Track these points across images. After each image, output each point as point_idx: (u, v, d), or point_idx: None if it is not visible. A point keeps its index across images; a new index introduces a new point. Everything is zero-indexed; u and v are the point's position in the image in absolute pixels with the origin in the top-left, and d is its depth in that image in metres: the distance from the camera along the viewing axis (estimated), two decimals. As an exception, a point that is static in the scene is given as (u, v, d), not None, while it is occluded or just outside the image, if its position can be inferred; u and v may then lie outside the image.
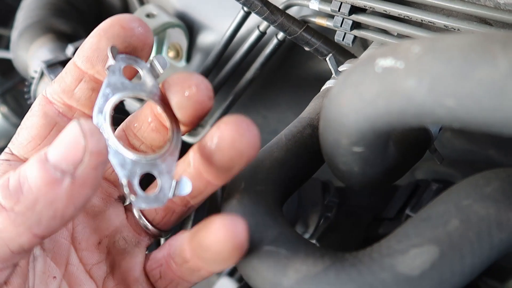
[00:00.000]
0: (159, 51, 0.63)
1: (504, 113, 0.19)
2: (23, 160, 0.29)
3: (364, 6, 0.39)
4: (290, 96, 0.58)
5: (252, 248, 0.27)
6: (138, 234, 0.31)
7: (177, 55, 0.63)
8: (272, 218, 0.28)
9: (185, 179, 0.27)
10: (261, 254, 0.27)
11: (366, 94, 0.23)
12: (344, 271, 0.25)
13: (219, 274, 0.70)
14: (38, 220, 0.22)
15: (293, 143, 0.33)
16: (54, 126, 0.29)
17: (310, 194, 0.49)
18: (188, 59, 0.63)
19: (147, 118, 0.30)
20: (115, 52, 0.27)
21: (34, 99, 0.56)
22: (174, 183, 0.26)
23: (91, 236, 0.30)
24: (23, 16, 0.63)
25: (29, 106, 0.62)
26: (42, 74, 0.53)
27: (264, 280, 0.27)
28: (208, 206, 0.39)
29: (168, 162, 0.27)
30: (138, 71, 0.28)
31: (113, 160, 0.25)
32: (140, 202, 0.25)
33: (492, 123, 0.20)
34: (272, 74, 0.56)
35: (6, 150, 0.29)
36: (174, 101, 0.27)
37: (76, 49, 0.53)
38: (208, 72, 0.56)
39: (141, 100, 0.57)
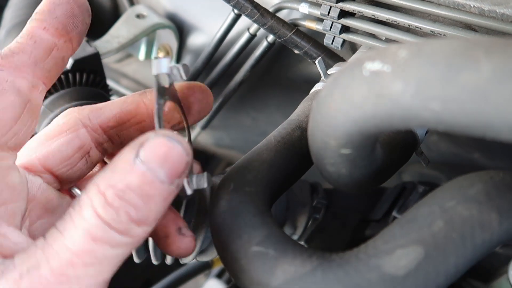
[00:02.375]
0: (149, 51, 0.63)
1: (487, 117, 0.19)
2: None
3: (353, 10, 0.39)
4: (280, 98, 0.59)
5: (241, 249, 0.27)
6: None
7: (167, 56, 0.63)
8: (261, 219, 0.29)
9: (206, 173, 0.29)
10: (250, 254, 0.27)
11: (354, 97, 0.24)
12: (331, 272, 0.26)
13: (207, 276, 0.70)
14: (156, 223, 0.25)
15: (282, 145, 0.33)
16: (27, 103, 0.27)
17: (299, 195, 0.50)
18: (178, 60, 0.63)
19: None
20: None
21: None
22: (195, 177, 0.29)
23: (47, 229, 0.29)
24: (11, 15, 0.62)
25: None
26: (29, 73, 0.53)
27: (252, 281, 0.27)
28: (197, 207, 0.39)
29: None
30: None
31: None
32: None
33: (475, 127, 0.20)
34: (261, 76, 0.57)
35: None
36: (196, 106, 0.33)
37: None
38: (198, 74, 0.56)
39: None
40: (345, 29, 0.41)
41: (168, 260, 0.42)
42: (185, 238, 0.31)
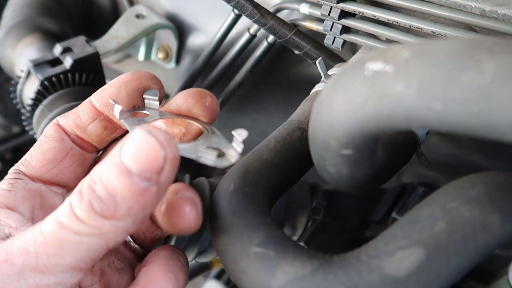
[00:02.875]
0: (148, 52, 0.63)
1: (490, 117, 0.19)
2: (35, 180, 0.32)
3: (354, 11, 0.39)
4: (280, 99, 0.59)
5: (241, 250, 0.27)
6: (127, 255, 0.33)
7: (167, 57, 0.63)
8: (261, 220, 0.28)
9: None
10: (250, 256, 0.27)
11: (356, 97, 0.23)
12: (332, 273, 0.25)
13: (206, 277, 0.69)
14: (133, 222, 0.25)
15: (282, 146, 0.33)
16: (69, 151, 0.33)
17: (298, 196, 0.49)
18: (178, 60, 0.63)
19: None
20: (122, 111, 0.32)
21: (20, 98, 0.55)
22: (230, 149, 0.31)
23: None
24: (10, 15, 0.62)
25: (14, 105, 0.61)
26: (28, 74, 0.53)
27: (253, 282, 0.27)
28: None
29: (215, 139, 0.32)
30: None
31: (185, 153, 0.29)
32: (220, 162, 0.29)
33: (478, 127, 0.20)
34: (261, 76, 0.57)
35: (15, 169, 0.32)
36: (206, 112, 0.34)
37: (63, 49, 0.53)
38: (197, 74, 0.56)
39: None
40: (345, 29, 0.41)
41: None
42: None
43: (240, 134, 0.30)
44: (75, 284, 0.26)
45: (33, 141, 0.37)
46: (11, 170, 0.32)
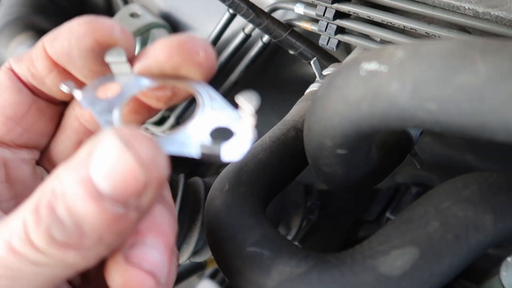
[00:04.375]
0: (142, 51, 0.63)
1: (483, 117, 0.19)
2: None
3: (349, 11, 0.39)
4: (274, 98, 0.59)
5: (235, 249, 0.27)
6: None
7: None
8: (256, 219, 0.28)
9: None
10: (245, 255, 0.27)
11: (350, 97, 0.24)
12: (327, 272, 0.25)
13: (200, 277, 0.69)
14: (108, 247, 0.19)
15: (277, 146, 0.33)
16: (31, 104, 0.26)
17: (293, 196, 0.50)
18: (172, 60, 0.62)
19: None
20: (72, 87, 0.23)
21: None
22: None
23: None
24: (2, 13, 0.62)
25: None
26: (21, 72, 0.52)
27: (248, 282, 0.27)
28: (191, 208, 0.39)
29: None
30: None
31: (172, 149, 0.21)
32: (230, 152, 0.21)
33: (471, 127, 0.20)
34: (256, 76, 0.57)
35: None
36: (199, 71, 0.23)
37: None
38: (192, 74, 0.56)
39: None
40: (340, 30, 0.41)
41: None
42: (132, 270, 0.21)
43: (249, 100, 0.20)
44: None
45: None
46: None
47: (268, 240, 0.27)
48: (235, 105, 0.22)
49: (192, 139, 0.22)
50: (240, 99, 0.21)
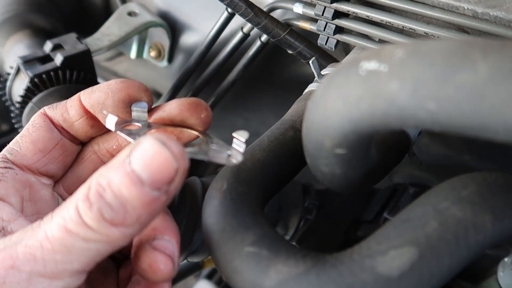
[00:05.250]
0: (140, 50, 0.62)
1: (483, 117, 0.19)
2: (25, 170, 0.32)
3: (347, 11, 0.39)
4: (273, 98, 0.59)
5: (233, 249, 0.27)
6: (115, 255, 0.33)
7: (159, 55, 0.62)
8: (254, 219, 0.28)
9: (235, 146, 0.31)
10: (243, 255, 0.27)
11: (350, 97, 0.23)
12: (325, 272, 0.25)
13: (197, 277, 0.69)
14: (141, 227, 0.25)
15: (276, 145, 0.33)
16: (59, 141, 0.33)
17: (291, 196, 0.49)
18: (170, 59, 0.62)
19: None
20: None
21: (10, 95, 0.54)
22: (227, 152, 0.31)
23: None
24: (-1, 10, 0.61)
25: (3, 103, 0.60)
26: (18, 70, 0.52)
27: (246, 282, 0.27)
28: (189, 207, 0.39)
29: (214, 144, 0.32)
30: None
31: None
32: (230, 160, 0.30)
33: (471, 127, 0.20)
34: (254, 76, 0.56)
35: (3, 157, 0.31)
36: (200, 124, 0.33)
37: (54, 46, 0.52)
38: (190, 73, 0.56)
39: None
40: (339, 29, 0.41)
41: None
42: (160, 255, 0.28)
43: (241, 135, 0.30)
44: (79, 286, 0.26)
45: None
46: (0, 156, 0.32)
47: (266, 239, 0.27)
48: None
49: (204, 150, 0.31)
50: (234, 134, 0.30)
